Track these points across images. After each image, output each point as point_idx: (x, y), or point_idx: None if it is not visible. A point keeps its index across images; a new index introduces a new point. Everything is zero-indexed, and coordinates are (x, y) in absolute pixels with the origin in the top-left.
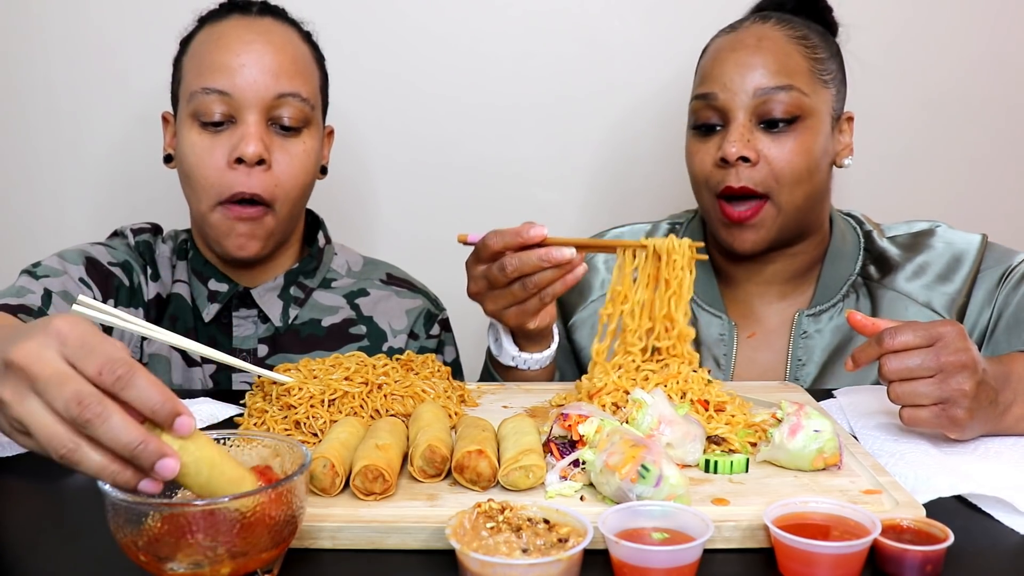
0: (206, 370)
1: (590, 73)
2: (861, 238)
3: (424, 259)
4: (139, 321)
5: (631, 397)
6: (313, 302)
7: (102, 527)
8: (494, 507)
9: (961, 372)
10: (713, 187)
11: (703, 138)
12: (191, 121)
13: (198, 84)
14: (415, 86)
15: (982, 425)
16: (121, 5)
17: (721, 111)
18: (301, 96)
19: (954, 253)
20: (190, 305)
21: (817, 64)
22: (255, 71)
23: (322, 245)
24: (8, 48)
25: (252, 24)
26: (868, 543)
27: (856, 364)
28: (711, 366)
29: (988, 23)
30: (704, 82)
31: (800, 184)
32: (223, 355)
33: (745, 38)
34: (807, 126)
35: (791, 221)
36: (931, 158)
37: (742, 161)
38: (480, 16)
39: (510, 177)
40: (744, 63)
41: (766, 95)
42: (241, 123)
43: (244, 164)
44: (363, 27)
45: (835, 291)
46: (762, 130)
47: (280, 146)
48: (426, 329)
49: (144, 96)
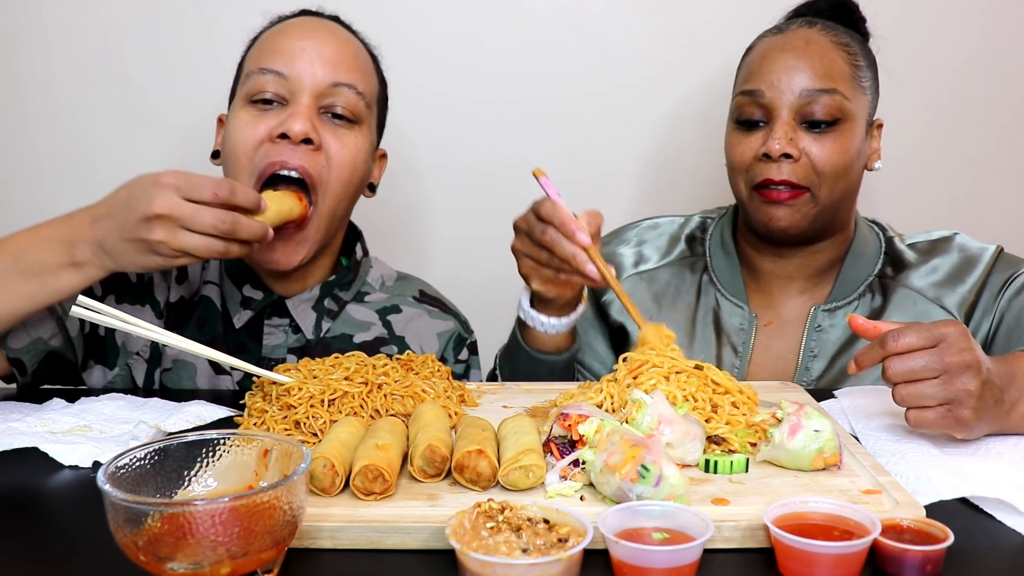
0: (235, 377)
1: (590, 73)
2: (883, 243)
3: (424, 258)
4: (138, 322)
5: (631, 397)
6: (346, 315)
7: (102, 527)
8: (494, 507)
9: (966, 372)
10: (751, 179)
11: (746, 132)
12: (243, 102)
13: (255, 65)
14: (418, 84)
15: (988, 424)
16: (122, 5)
17: (766, 108)
18: (357, 89)
19: (968, 257)
20: (220, 310)
21: (857, 71)
22: (314, 56)
23: (359, 258)
24: (8, 48)
25: (315, 21)
26: (868, 543)
27: (859, 367)
28: (729, 352)
29: (989, 23)
30: (751, 79)
31: (839, 180)
32: (223, 355)
33: (793, 40)
34: (846, 128)
35: (825, 213)
36: (935, 159)
37: (784, 158)
38: (483, 16)
39: (511, 177)
40: (792, 64)
41: (811, 96)
42: (293, 103)
43: (288, 141)
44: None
45: (852, 289)
46: (804, 129)
47: (332, 132)
48: (455, 354)
49: (145, 96)
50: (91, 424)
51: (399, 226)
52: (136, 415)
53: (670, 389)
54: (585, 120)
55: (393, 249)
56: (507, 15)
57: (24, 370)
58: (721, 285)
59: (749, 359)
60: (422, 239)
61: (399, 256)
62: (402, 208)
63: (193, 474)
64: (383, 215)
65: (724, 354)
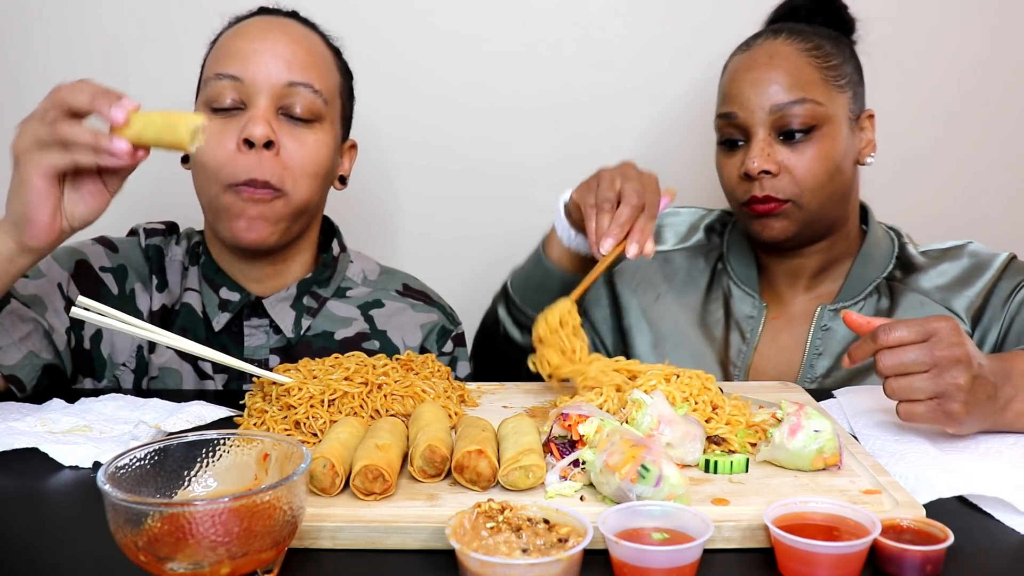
0: (219, 381)
1: (590, 74)
2: (896, 247)
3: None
4: (138, 322)
5: (631, 397)
6: (327, 312)
7: (102, 527)
8: (494, 507)
9: (956, 366)
10: (739, 197)
11: (729, 153)
12: (203, 109)
13: (212, 71)
14: (414, 86)
15: (981, 420)
16: (122, 5)
17: (742, 128)
18: (313, 88)
19: (978, 262)
20: (200, 316)
21: (830, 72)
22: (267, 57)
23: (336, 254)
24: (9, 48)
25: (271, 20)
26: (868, 543)
27: (852, 361)
28: (736, 337)
29: (991, 23)
30: (724, 102)
31: (822, 188)
32: (221, 355)
33: (758, 56)
34: (824, 133)
35: (814, 217)
36: (938, 157)
37: (764, 174)
38: (482, 17)
39: (509, 178)
40: (759, 81)
41: (782, 110)
42: (251, 107)
43: (253, 149)
44: (363, 27)
45: (860, 290)
46: (781, 142)
47: (289, 133)
48: (439, 345)
49: (145, 96)
50: (91, 424)
51: (398, 226)
52: (136, 415)
53: (670, 390)
54: (585, 120)
55: (394, 248)
56: (505, 15)
57: (23, 386)
58: (735, 274)
59: (755, 347)
60: (421, 239)
61: (399, 256)
62: (401, 208)
63: (193, 474)
64: (382, 215)
65: (732, 337)
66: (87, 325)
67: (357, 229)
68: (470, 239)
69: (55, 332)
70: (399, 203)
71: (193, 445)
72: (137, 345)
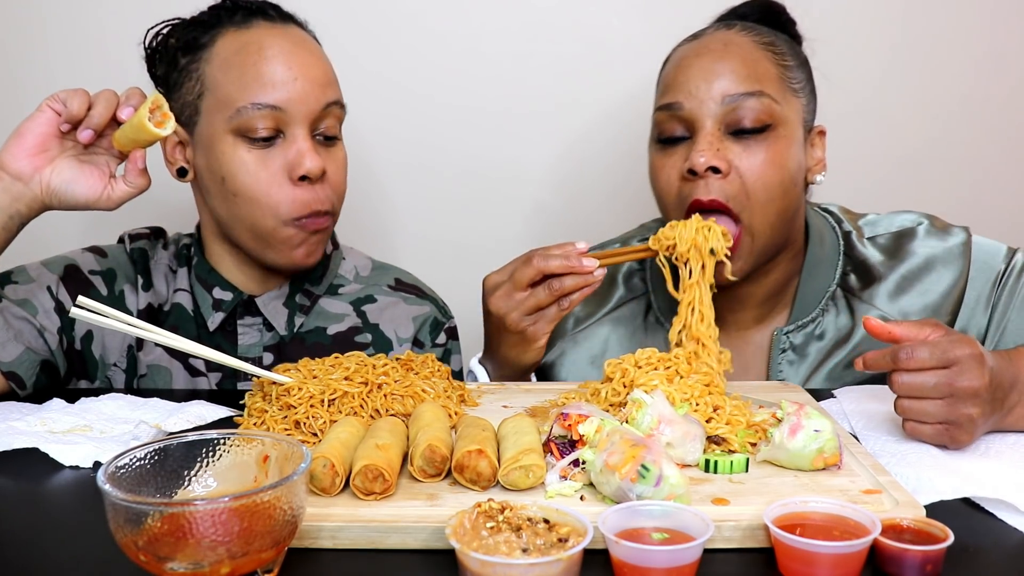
0: (212, 379)
1: (590, 74)
2: (840, 241)
3: (423, 258)
4: (139, 322)
5: (631, 397)
6: (319, 309)
7: (102, 527)
8: (494, 507)
9: (972, 399)
10: (680, 203)
11: (668, 151)
12: (234, 138)
13: (245, 99)
14: (409, 88)
15: (983, 432)
16: (122, 5)
17: (687, 121)
18: (341, 103)
19: (932, 259)
20: (192, 315)
21: (786, 71)
22: (306, 84)
23: (328, 252)
24: (8, 48)
25: (285, 33)
26: (868, 543)
27: (867, 367)
28: None
29: (991, 22)
30: (668, 92)
31: (773, 201)
32: (221, 355)
33: (710, 43)
34: (779, 135)
35: (766, 245)
36: (938, 157)
37: (712, 172)
38: (478, 18)
39: (507, 179)
40: (710, 69)
41: (735, 102)
42: (290, 137)
43: (308, 181)
44: (361, 27)
45: (814, 305)
46: (732, 139)
47: (327, 154)
48: (432, 337)
49: None
50: (91, 424)
51: (398, 226)
52: (136, 415)
53: (670, 390)
54: (585, 120)
55: (392, 248)
56: (504, 15)
57: (22, 383)
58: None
59: None
60: (420, 239)
61: (398, 255)
62: (400, 208)
63: (193, 474)
64: (381, 215)
65: None
66: (78, 327)
67: (356, 229)
68: (469, 240)
69: (47, 332)
70: (396, 204)
71: (193, 445)
72: (127, 344)
